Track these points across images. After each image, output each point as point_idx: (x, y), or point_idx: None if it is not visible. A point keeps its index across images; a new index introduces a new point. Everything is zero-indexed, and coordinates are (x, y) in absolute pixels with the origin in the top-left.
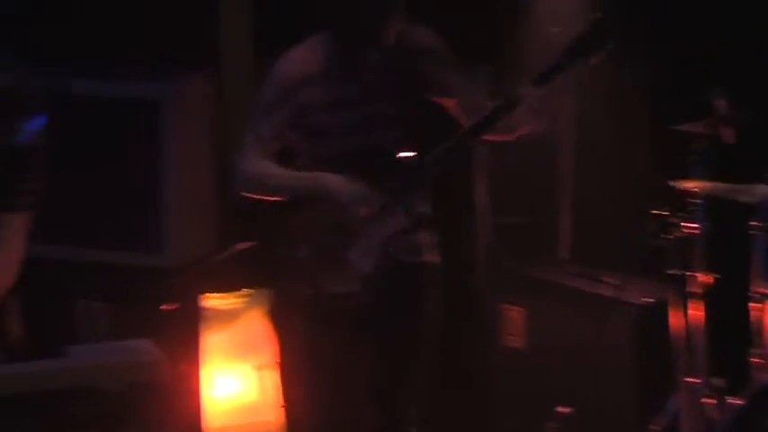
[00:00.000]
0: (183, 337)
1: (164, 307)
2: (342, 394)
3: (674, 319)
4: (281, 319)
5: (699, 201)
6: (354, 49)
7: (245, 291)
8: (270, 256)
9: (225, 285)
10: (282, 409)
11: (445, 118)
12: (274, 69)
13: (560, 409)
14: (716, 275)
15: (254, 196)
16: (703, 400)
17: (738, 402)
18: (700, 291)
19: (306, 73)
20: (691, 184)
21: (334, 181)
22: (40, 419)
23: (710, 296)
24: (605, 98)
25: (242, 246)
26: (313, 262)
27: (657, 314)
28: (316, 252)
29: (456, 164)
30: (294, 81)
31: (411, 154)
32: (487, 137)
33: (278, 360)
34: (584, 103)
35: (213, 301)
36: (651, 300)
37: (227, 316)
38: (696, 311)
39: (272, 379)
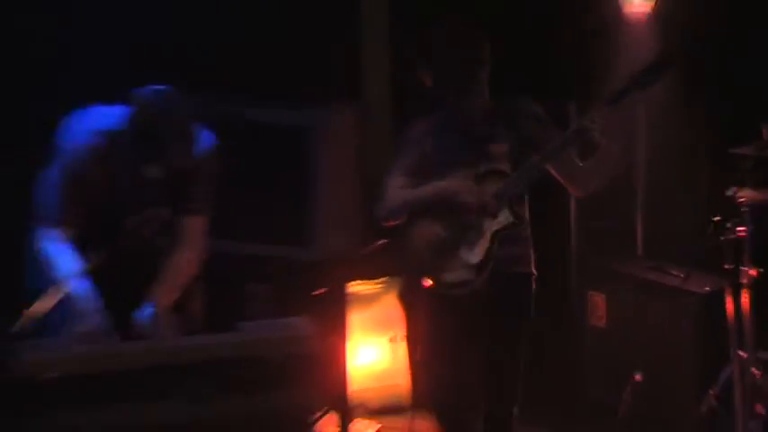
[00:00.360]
0: (332, 316)
1: (315, 292)
2: (456, 366)
3: (729, 305)
4: (407, 302)
5: (747, 208)
6: (457, 104)
7: (382, 279)
8: (399, 252)
9: (366, 274)
10: (409, 374)
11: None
12: (408, 129)
13: (635, 377)
14: (760, 269)
15: (392, 221)
16: (752, 369)
17: None
18: (748, 281)
19: (425, 128)
20: (741, 195)
21: (449, 181)
22: (213, 383)
23: (757, 286)
24: (673, 126)
25: (381, 243)
26: (432, 256)
27: (715, 301)
28: (435, 247)
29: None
30: (416, 135)
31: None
32: (571, 186)
33: (405, 334)
34: (656, 130)
35: (357, 287)
36: (710, 289)
37: (368, 299)
38: (746, 298)
39: (402, 349)
